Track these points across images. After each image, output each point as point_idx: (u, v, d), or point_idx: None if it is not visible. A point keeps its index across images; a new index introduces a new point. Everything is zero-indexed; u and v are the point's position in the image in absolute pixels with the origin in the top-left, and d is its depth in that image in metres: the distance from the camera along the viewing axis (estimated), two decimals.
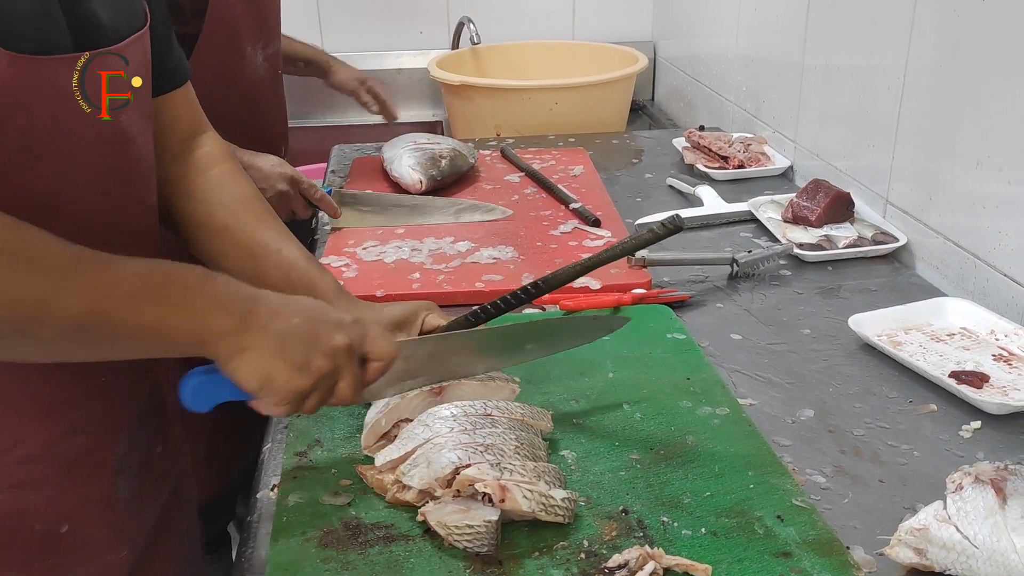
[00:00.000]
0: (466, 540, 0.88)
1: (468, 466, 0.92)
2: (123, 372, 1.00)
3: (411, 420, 1.04)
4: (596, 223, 1.66)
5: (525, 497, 0.90)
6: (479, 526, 0.88)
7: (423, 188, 1.86)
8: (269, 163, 1.64)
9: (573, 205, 1.77)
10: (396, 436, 1.03)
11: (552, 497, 0.91)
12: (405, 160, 1.89)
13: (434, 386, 1.07)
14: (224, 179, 1.17)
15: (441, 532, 0.90)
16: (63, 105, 0.88)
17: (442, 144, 1.97)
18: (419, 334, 1.13)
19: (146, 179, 1.02)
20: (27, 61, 0.83)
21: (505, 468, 0.92)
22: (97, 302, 0.81)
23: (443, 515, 0.91)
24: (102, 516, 1.00)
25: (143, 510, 1.06)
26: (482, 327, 1.14)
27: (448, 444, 0.96)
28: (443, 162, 1.90)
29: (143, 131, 1.00)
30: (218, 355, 0.88)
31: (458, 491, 0.92)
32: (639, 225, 1.72)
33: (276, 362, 0.88)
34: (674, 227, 1.10)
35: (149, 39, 1.01)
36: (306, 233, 1.84)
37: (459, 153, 1.96)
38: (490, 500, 0.90)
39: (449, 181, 1.91)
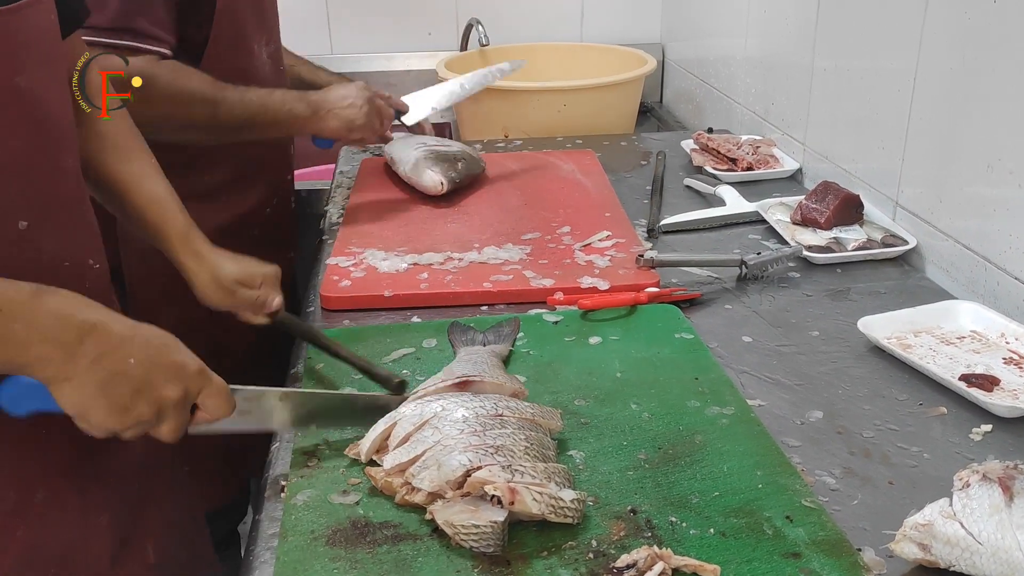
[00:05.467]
0: (472, 540, 0.88)
1: (479, 468, 0.92)
2: None
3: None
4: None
5: (535, 499, 0.90)
6: (485, 526, 0.88)
7: (444, 190, 1.84)
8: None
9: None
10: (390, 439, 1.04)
11: (562, 499, 0.91)
12: (423, 164, 1.87)
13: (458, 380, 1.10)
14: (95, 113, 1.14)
15: (448, 531, 0.90)
16: None
17: (452, 146, 1.97)
18: (255, 306, 1.25)
19: (59, 143, 0.98)
20: None
21: (516, 470, 0.92)
22: None
23: (451, 514, 0.90)
24: (70, 482, 1.00)
25: (116, 473, 1.06)
26: (292, 390, 1.15)
27: (458, 446, 0.96)
28: (460, 164, 1.90)
29: (59, 94, 0.96)
30: (39, 378, 0.86)
31: (468, 492, 0.92)
32: (661, 226, 1.73)
33: (96, 400, 0.86)
34: (400, 388, 1.18)
35: (53, 2, 0.95)
36: (314, 232, 1.84)
37: (471, 156, 1.96)
38: (499, 502, 0.90)
39: (465, 183, 1.90)
